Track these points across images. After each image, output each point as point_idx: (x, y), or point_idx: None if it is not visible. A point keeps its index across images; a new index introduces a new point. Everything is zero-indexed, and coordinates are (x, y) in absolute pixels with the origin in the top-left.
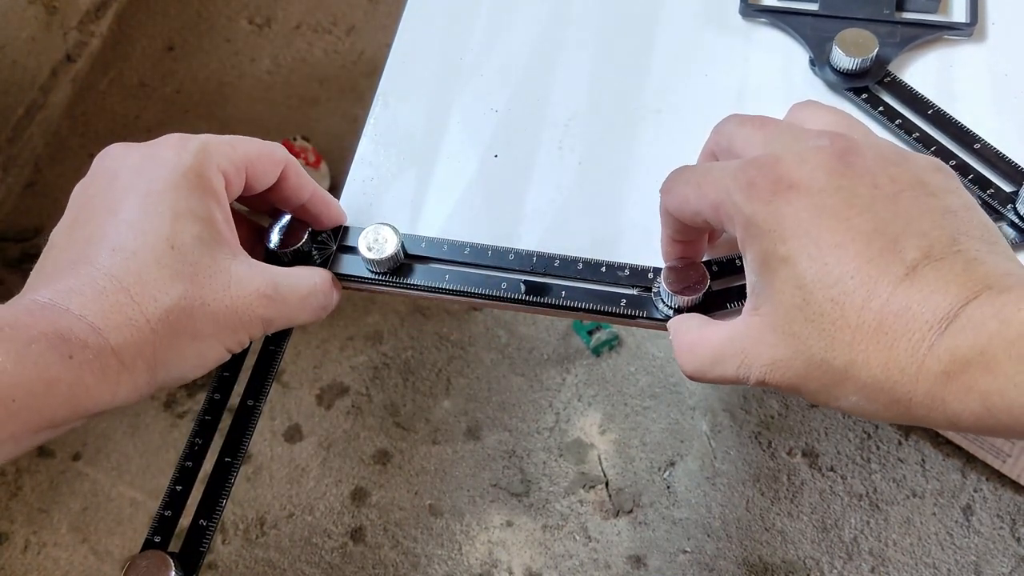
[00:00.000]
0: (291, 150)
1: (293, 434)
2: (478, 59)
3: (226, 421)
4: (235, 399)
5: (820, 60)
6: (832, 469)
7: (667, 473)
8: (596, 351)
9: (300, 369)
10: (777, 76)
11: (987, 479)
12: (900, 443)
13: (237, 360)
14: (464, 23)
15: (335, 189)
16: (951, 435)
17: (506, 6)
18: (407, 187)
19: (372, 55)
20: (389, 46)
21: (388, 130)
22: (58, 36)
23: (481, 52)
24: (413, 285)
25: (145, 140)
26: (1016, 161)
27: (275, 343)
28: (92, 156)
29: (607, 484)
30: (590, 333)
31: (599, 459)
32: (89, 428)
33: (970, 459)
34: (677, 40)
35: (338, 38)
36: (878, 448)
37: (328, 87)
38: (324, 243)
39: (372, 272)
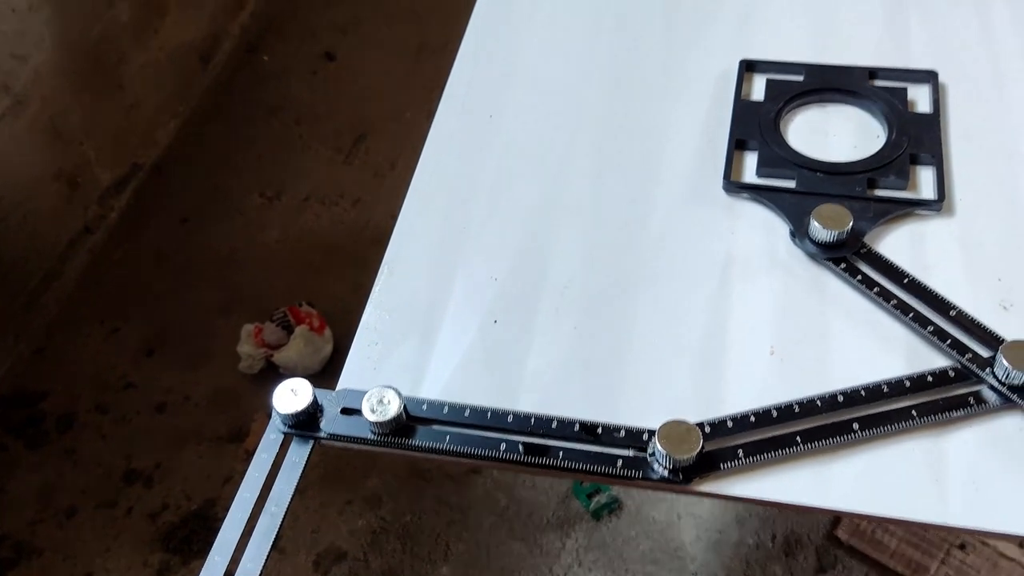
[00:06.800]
0: (296, 316)
1: None
2: (479, 231)
3: None
4: (232, 565)
5: (800, 232)
6: None
7: None
8: (596, 515)
9: (297, 533)
10: (760, 246)
11: None
12: None
13: (239, 520)
14: (465, 197)
15: (338, 353)
16: None
17: (505, 184)
18: (410, 351)
19: (377, 223)
20: (394, 217)
21: (392, 298)
22: (79, 209)
23: (482, 224)
24: (415, 446)
25: (154, 309)
26: (991, 327)
27: (277, 504)
28: (102, 323)
29: None
30: (589, 496)
31: None
32: None
33: None
34: (665, 212)
35: (344, 209)
36: None
37: (334, 255)
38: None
39: (375, 433)
